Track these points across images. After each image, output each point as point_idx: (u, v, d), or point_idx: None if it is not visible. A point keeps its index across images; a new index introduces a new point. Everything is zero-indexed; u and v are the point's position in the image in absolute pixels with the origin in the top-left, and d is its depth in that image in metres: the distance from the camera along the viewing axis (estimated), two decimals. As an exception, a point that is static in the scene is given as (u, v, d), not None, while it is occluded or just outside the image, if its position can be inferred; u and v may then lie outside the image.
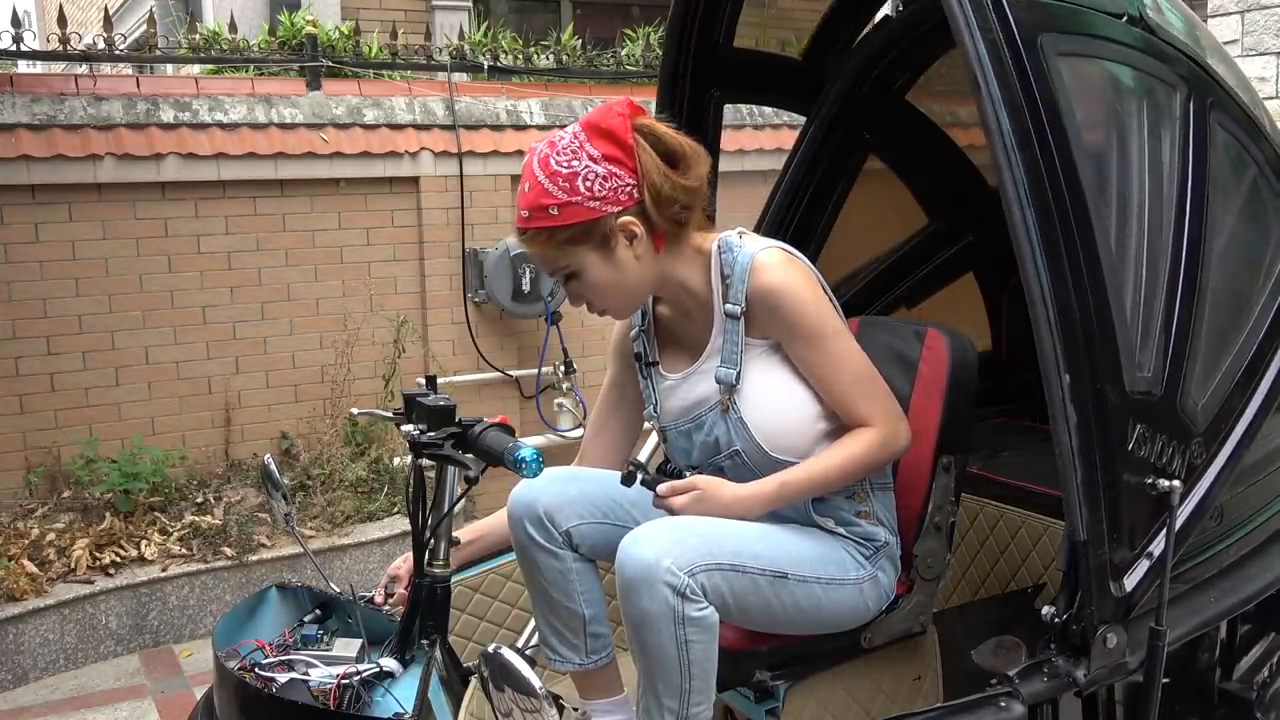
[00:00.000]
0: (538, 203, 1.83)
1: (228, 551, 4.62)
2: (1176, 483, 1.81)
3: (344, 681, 1.89)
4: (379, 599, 2.12)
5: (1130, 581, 1.77)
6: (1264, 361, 2.08)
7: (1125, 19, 1.90)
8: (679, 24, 2.57)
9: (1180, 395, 1.89)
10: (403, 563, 2.12)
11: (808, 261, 1.96)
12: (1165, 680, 2.10)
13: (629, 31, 6.62)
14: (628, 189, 1.84)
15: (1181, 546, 1.90)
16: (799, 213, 2.80)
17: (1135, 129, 1.93)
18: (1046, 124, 1.70)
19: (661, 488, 1.90)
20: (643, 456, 1.92)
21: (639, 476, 1.89)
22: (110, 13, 5.55)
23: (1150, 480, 1.81)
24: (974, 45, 1.69)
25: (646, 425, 2.19)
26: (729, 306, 1.93)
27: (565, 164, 1.82)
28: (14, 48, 4.94)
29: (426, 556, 2.01)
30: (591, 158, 1.83)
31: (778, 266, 1.90)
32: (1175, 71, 1.98)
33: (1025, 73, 1.70)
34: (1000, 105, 1.68)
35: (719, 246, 1.95)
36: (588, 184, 1.82)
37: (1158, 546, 1.83)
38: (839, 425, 1.95)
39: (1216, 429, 1.97)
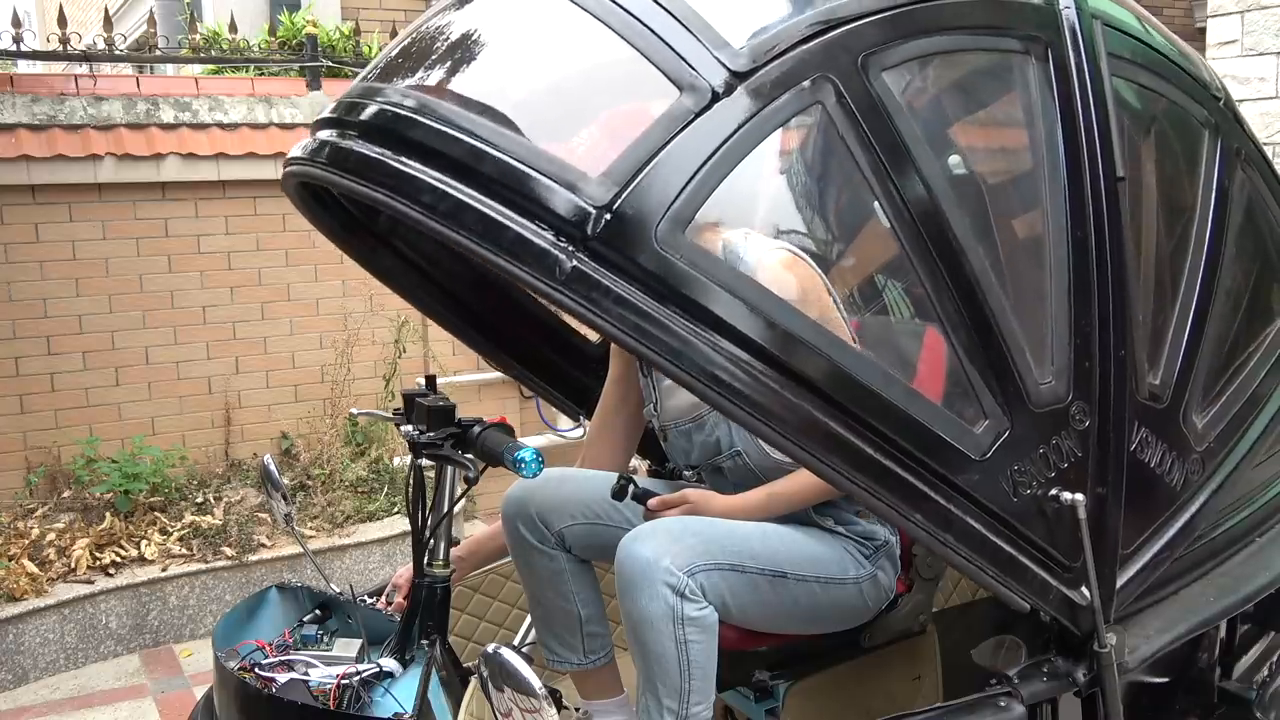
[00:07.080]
0: None
1: (228, 551, 4.62)
2: (1080, 495, 1.68)
3: (344, 681, 1.89)
4: (380, 606, 2.12)
5: (1088, 591, 1.72)
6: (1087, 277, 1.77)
7: (709, 96, 1.48)
8: None
9: (1028, 400, 1.68)
10: (406, 572, 2.12)
11: (814, 264, 1.94)
12: (1165, 679, 2.10)
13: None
14: None
15: (1122, 475, 1.77)
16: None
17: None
18: (773, 338, 1.47)
19: (652, 501, 1.91)
20: None
21: (630, 490, 1.90)
22: (110, 13, 5.54)
23: (1054, 494, 1.69)
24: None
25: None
26: None
27: None
28: (14, 48, 4.94)
29: (426, 556, 2.01)
30: None
31: (783, 267, 1.88)
32: (807, 83, 1.54)
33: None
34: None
35: (724, 247, 1.94)
36: None
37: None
38: None
39: (1083, 377, 1.74)
